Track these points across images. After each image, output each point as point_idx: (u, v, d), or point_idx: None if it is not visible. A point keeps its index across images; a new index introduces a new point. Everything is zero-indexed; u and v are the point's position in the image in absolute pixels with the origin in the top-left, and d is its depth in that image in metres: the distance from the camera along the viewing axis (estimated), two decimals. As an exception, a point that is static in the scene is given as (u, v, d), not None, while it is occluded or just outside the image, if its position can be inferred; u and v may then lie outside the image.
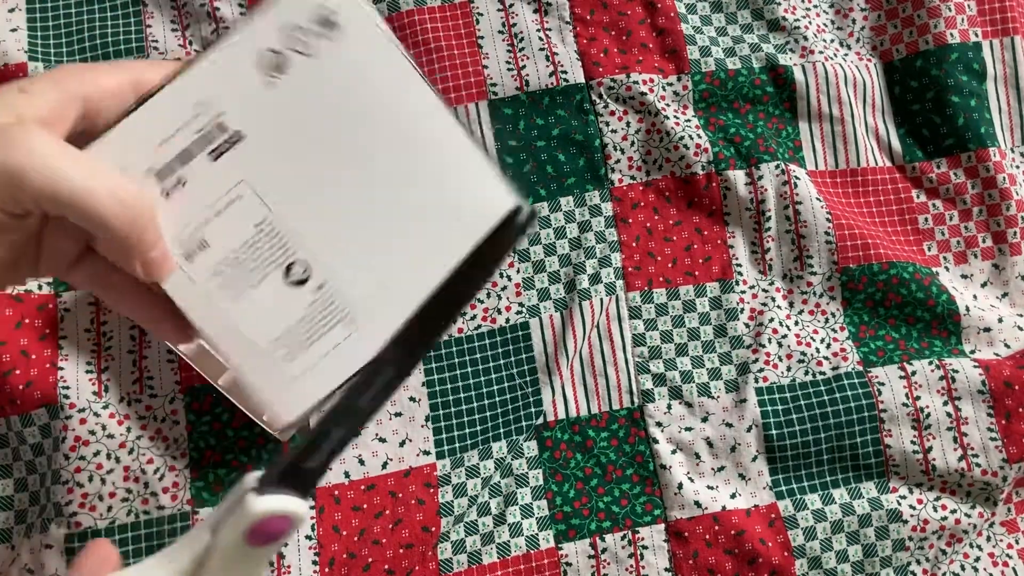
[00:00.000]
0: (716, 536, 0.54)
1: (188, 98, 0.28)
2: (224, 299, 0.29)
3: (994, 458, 0.56)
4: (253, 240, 0.29)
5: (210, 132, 0.28)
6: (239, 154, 0.28)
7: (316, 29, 0.28)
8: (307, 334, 0.30)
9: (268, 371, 0.30)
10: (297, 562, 0.52)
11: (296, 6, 0.28)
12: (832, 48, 0.66)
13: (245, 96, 0.28)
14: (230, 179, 0.28)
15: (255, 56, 0.28)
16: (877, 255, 0.60)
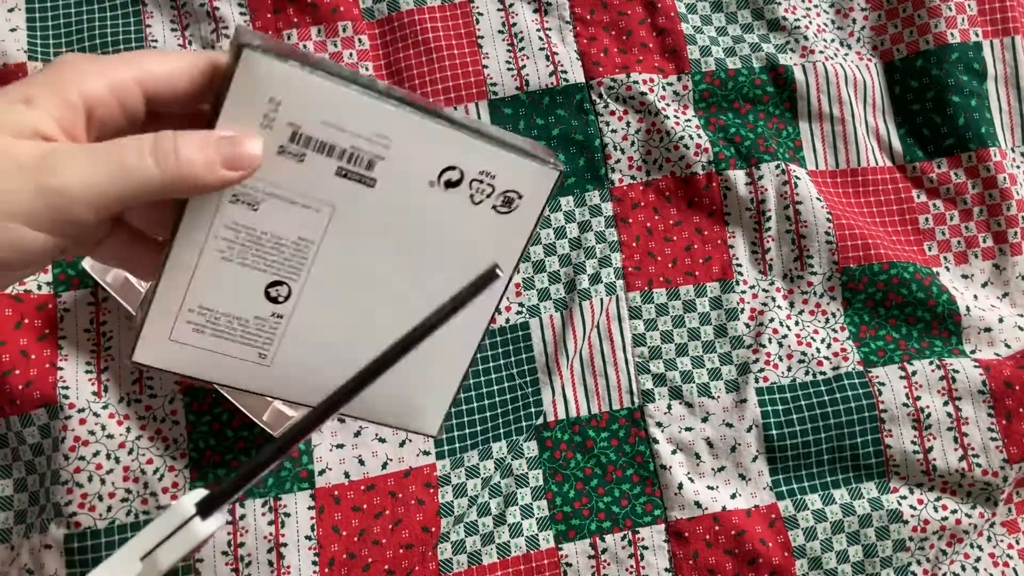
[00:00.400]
0: (716, 536, 0.54)
1: (372, 126, 0.28)
2: (216, 247, 0.29)
3: (994, 458, 0.56)
4: (286, 243, 0.29)
5: (359, 157, 0.28)
6: (352, 190, 0.29)
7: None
8: (227, 326, 0.30)
9: (168, 317, 0.29)
10: (297, 562, 0.52)
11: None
12: (832, 48, 0.65)
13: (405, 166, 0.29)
14: (328, 197, 0.29)
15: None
16: (878, 255, 0.60)
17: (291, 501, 0.53)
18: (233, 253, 0.29)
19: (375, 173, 0.29)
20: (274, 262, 0.29)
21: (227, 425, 0.54)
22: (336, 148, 0.28)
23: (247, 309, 0.30)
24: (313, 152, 0.28)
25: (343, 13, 0.62)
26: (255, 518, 0.53)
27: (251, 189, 0.28)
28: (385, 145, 0.28)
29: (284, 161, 0.27)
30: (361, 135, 0.28)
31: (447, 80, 0.61)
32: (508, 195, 0.30)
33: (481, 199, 0.30)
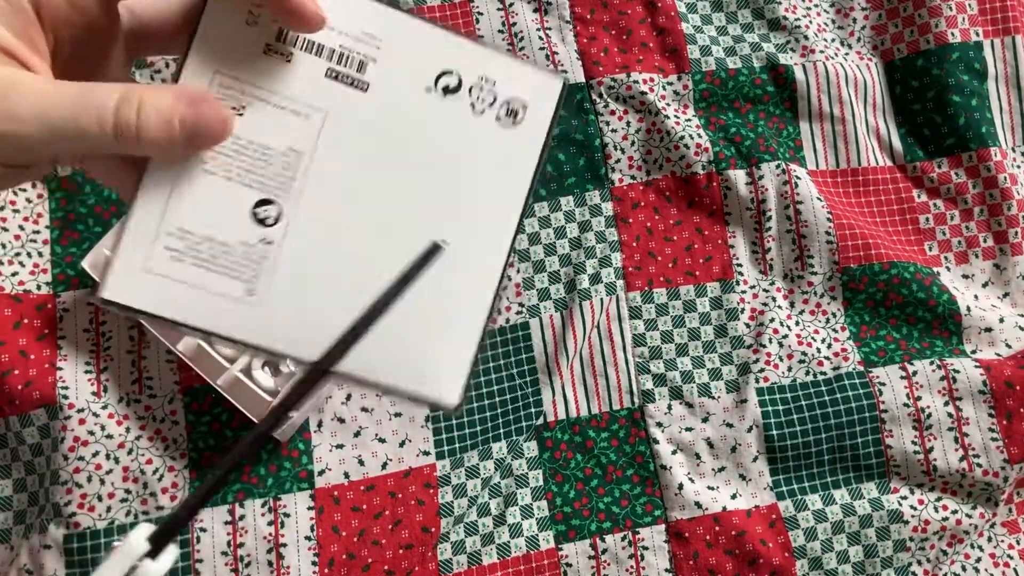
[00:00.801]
0: (717, 537, 0.54)
1: (359, 24, 0.26)
2: (198, 158, 0.26)
3: (995, 458, 0.55)
4: (273, 154, 0.27)
5: (349, 58, 0.27)
6: (344, 94, 0.27)
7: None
8: (210, 253, 0.27)
9: (143, 242, 0.26)
10: (297, 563, 0.52)
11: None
12: (833, 47, 0.65)
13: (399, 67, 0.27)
14: (319, 101, 0.27)
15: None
16: (878, 255, 0.59)
17: (291, 501, 0.53)
18: (217, 165, 0.26)
19: (367, 76, 0.27)
20: (262, 176, 0.27)
21: (227, 425, 0.54)
22: (325, 47, 0.26)
23: (232, 232, 0.27)
24: (301, 51, 0.26)
25: (343, 13, 0.62)
26: (255, 518, 0.52)
27: (236, 92, 0.26)
28: (376, 46, 0.27)
29: (271, 61, 0.26)
30: (350, 34, 0.26)
31: (447, 80, 0.61)
32: (512, 105, 0.28)
33: (483, 108, 0.28)
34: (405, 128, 0.28)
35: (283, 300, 0.27)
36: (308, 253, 0.28)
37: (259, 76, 0.26)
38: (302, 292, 0.28)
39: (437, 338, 0.29)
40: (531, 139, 0.29)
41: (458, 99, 0.28)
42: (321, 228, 0.28)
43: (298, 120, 0.27)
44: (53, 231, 0.57)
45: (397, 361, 0.29)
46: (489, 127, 0.28)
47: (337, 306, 0.28)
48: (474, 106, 0.28)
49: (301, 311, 0.28)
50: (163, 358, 0.55)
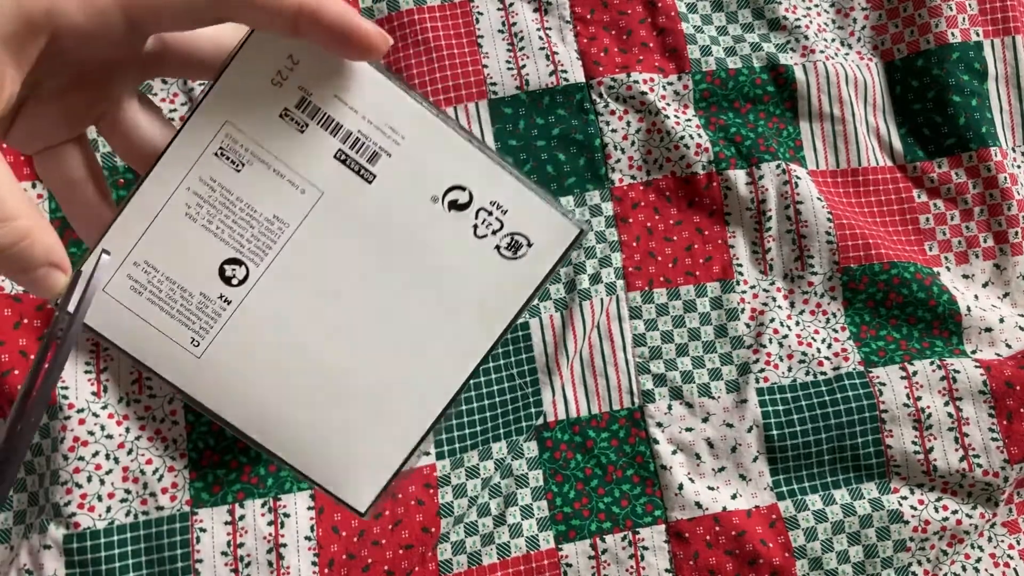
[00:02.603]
0: (717, 537, 0.54)
1: (387, 116, 0.26)
2: (184, 200, 0.26)
3: (995, 459, 0.55)
4: (258, 218, 0.26)
5: (364, 145, 0.26)
6: (347, 180, 0.26)
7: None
8: (168, 294, 0.27)
9: (111, 262, 0.26)
10: (296, 563, 0.52)
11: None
12: (833, 47, 0.65)
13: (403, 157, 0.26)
14: (319, 179, 0.26)
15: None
16: (878, 255, 0.59)
17: (291, 501, 0.53)
18: (200, 213, 0.26)
19: (376, 169, 0.26)
20: (240, 236, 0.26)
21: (227, 425, 0.54)
22: (342, 128, 0.26)
23: (195, 281, 0.27)
24: (316, 125, 0.26)
25: (343, 12, 0.62)
26: (255, 518, 0.52)
27: (240, 147, 0.26)
28: (395, 141, 0.26)
29: (284, 127, 0.25)
30: (373, 122, 0.26)
31: (447, 80, 0.61)
32: (517, 239, 0.27)
33: (485, 233, 0.27)
34: (398, 230, 0.27)
35: (221, 359, 0.27)
36: (259, 329, 0.27)
37: (268, 138, 0.26)
38: (241, 358, 0.27)
39: (368, 440, 0.29)
40: (526, 277, 0.28)
41: (462, 217, 0.27)
42: (281, 304, 0.27)
43: (293, 191, 0.26)
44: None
45: (318, 450, 0.29)
46: (486, 253, 0.27)
47: (272, 384, 0.28)
48: (476, 228, 0.27)
49: (234, 375, 0.28)
50: (163, 358, 0.55)
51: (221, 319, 0.27)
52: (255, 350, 0.28)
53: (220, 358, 0.28)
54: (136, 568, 0.51)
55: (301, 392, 0.28)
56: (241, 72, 0.25)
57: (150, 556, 0.51)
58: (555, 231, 0.27)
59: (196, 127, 0.26)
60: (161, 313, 0.27)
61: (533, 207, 0.27)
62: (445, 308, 0.28)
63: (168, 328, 0.27)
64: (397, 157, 0.26)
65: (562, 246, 0.27)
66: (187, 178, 0.26)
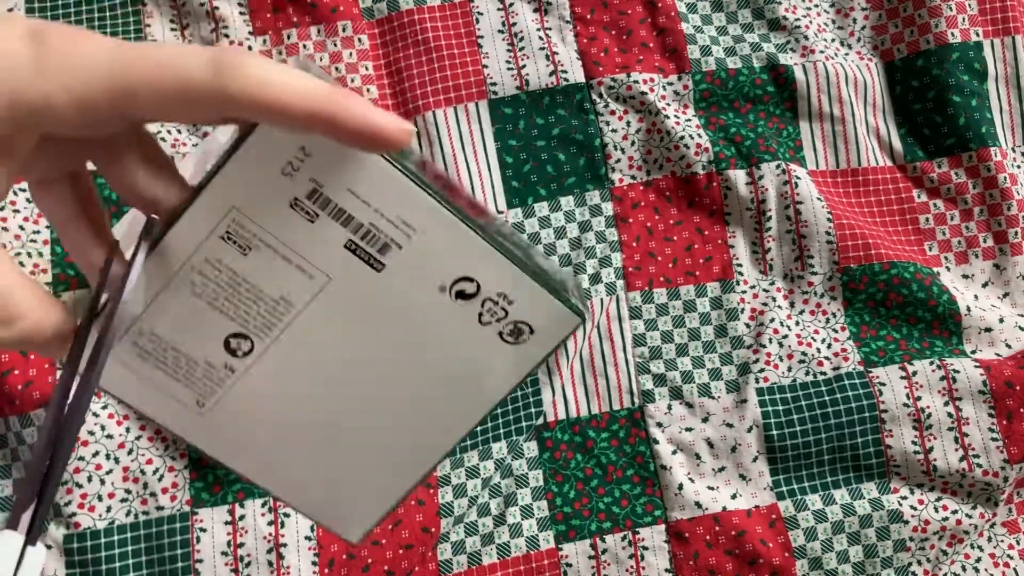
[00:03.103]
0: (717, 537, 0.54)
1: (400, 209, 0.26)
2: (190, 279, 0.26)
3: (995, 459, 0.55)
4: (265, 299, 0.27)
5: (375, 237, 0.26)
6: (355, 268, 0.26)
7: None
8: (174, 362, 0.28)
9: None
10: (297, 563, 0.52)
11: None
12: (833, 47, 0.65)
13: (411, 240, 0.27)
14: (328, 266, 0.26)
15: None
16: (878, 255, 0.59)
17: (291, 501, 0.53)
18: (206, 291, 0.27)
19: (386, 259, 0.26)
20: (246, 313, 0.27)
21: (227, 425, 0.54)
22: (353, 220, 0.26)
23: (201, 352, 0.28)
24: (327, 216, 0.26)
25: (342, 13, 0.62)
26: (255, 518, 0.52)
27: (248, 232, 0.26)
28: (407, 233, 0.26)
29: (293, 215, 0.25)
30: (385, 215, 0.26)
31: (447, 80, 0.61)
32: (520, 326, 0.28)
33: (489, 321, 0.28)
34: (403, 316, 0.27)
35: (225, 420, 0.29)
36: (263, 396, 0.28)
37: (276, 226, 0.26)
38: (243, 420, 0.29)
39: (360, 490, 0.30)
40: (525, 359, 0.29)
41: (468, 305, 0.28)
42: (284, 380, 0.28)
43: (300, 276, 0.27)
44: (53, 231, 0.57)
45: (317, 494, 0.30)
46: (489, 338, 0.28)
47: (274, 440, 0.29)
48: (481, 316, 0.28)
49: (237, 433, 0.29)
50: (163, 358, 0.55)
51: (225, 385, 0.28)
52: (257, 414, 0.29)
53: (224, 418, 0.29)
54: (136, 568, 0.51)
55: (302, 448, 0.29)
56: (249, 160, 0.25)
57: (150, 556, 0.51)
58: (557, 320, 0.28)
59: (202, 209, 0.25)
60: (167, 378, 0.28)
61: (539, 299, 0.28)
62: (443, 382, 0.29)
63: (174, 390, 0.28)
64: (408, 249, 0.26)
65: (562, 334, 0.29)
66: (193, 258, 0.26)
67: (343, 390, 0.29)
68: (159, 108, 0.21)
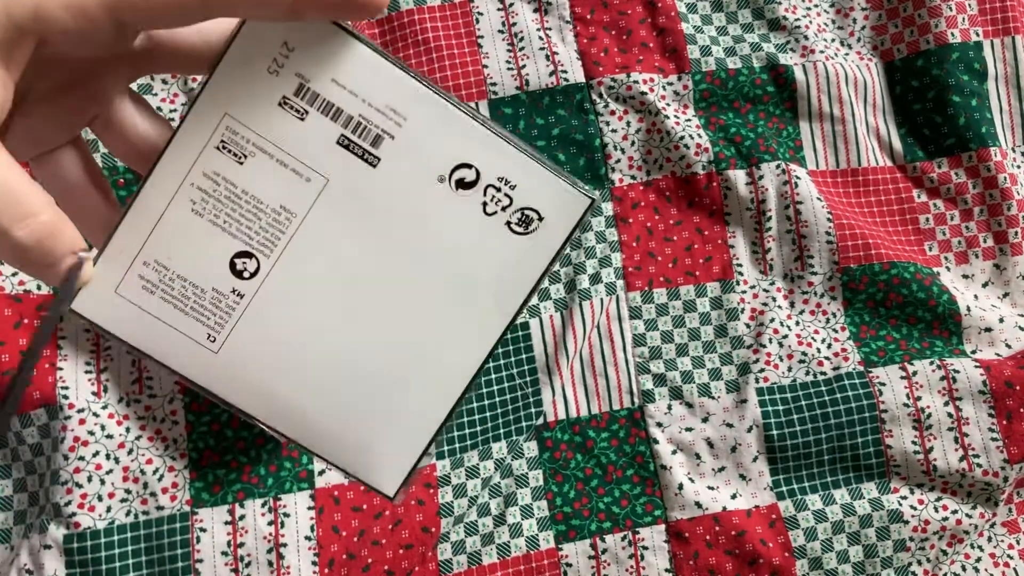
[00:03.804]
0: (717, 537, 0.54)
1: (387, 97, 0.25)
2: (189, 196, 0.26)
3: (995, 459, 0.55)
4: (265, 209, 0.26)
5: (366, 129, 0.25)
6: (351, 165, 0.26)
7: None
8: (181, 292, 0.27)
9: (119, 265, 0.26)
10: (296, 563, 0.52)
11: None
12: (833, 47, 0.65)
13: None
14: (323, 166, 0.26)
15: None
16: (878, 255, 0.59)
17: (291, 501, 0.53)
18: (206, 208, 0.26)
19: (380, 152, 0.26)
20: (248, 228, 0.26)
21: (227, 425, 0.54)
22: (343, 113, 0.25)
23: (207, 277, 0.27)
24: (317, 112, 0.25)
25: (343, 13, 0.62)
26: (255, 518, 0.52)
27: (242, 139, 0.25)
28: (397, 123, 0.26)
29: (283, 115, 0.25)
30: (374, 105, 0.25)
31: (447, 80, 0.61)
32: (527, 213, 0.27)
33: (495, 210, 0.27)
34: (406, 213, 0.27)
35: (239, 353, 0.28)
36: (274, 322, 0.27)
37: (268, 128, 0.25)
38: (259, 351, 0.28)
39: (390, 425, 0.29)
40: (539, 251, 0.27)
41: (470, 195, 0.27)
42: (294, 294, 0.27)
43: (298, 180, 0.26)
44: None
45: (343, 437, 0.29)
46: (497, 230, 0.27)
47: (291, 374, 0.28)
48: (486, 205, 0.27)
49: (253, 368, 0.28)
50: (163, 358, 0.55)
51: (235, 313, 0.27)
52: (272, 342, 0.28)
53: (237, 352, 0.28)
54: (136, 568, 0.51)
55: (321, 381, 0.28)
56: (236, 63, 0.25)
57: (150, 556, 0.51)
58: (565, 203, 0.27)
59: (195, 122, 0.25)
60: (175, 311, 0.27)
61: (542, 180, 0.27)
62: (459, 289, 0.28)
63: (183, 325, 0.27)
64: (400, 139, 0.26)
65: (574, 218, 0.27)
66: (190, 174, 0.26)
67: (356, 309, 0.27)
68: (149, 9, 0.22)
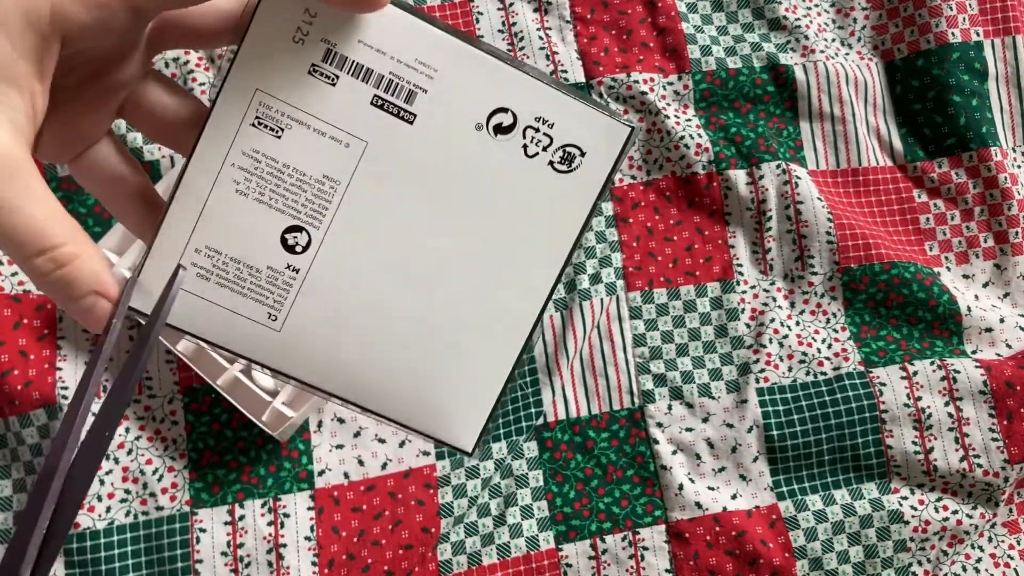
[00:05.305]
0: (717, 537, 0.54)
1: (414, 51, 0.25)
2: (232, 177, 0.26)
3: (995, 459, 0.55)
4: (309, 181, 0.26)
5: (398, 86, 0.25)
6: (388, 125, 0.26)
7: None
8: (236, 275, 0.27)
9: (171, 256, 0.26)
10: (296, 563, 0.52)
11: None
12: (833, 47, 0.65)
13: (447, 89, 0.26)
14: (360, 129, 0.26)
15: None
16: (878, 255, 0.59)
17: (291, 502, 0.53)
18: (250, 187, 0.26)
19: (415, 107, 0.26)
20: (294, 202, 0.26)
21: (226, 425, 0.54)
22: (373, 73, 0.25)
23: (260, 257, 0.26)
24: (347, 75, 0.25)
25: (343, 12, 0.62)
26: (255, 519, 0.52)
27: (276, 113, 0.25)
28: (428, 75, 0.25)
29: (315, 83, 0.25)
30: (402, 60, 0.25)
31: (447, 80, 0.61)
32: (568, 150, 0.27)
33: (536, 151, 0.27)
34: (449, 165, 0.26)
35: (302, 328, 0.27)
36: (333, 292, 0.27)
37: (301, 98, 0.25)
38: (321, 323, 0.27)
39: (460, 380, 0.29)
40: (585, 187, 0.27)
41: (510, 139, 0.26)
42: (349, 269, 0.27)
43: (337, 147, 0.26)
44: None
45: (414, 398, 0.29)
46: (540, 171, 0.27)
47: (355, 342, 0.28)
48: (527, 148, 0.27)
49: (318, 341, 0.28)
50: (163, 358, 0.55)
51: (293, 288, 0.27)
52: (332, 313, 0.27)
53: (300, 327, 0.27)
54: (136, 568, 0.51)
55: (385, 345, 0.28)
56: (260, 37, 0.25)
57: (150, 556, 0.51)
58: (606, 135, 0.27)
59: (227, 102, 0.25)
60: (233, 295, 0.27)
61: (579, 115, 0.27)
62: (511, 234, 0.27)
63: (243, 308, 0.27)
64: (433, 92, 0.26)
65: (616, 149, 0.27)
66: (229, 154, 0.25)
67: (411, 267, 0.27)
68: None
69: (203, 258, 0.26)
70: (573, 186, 0.27)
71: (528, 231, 0.27)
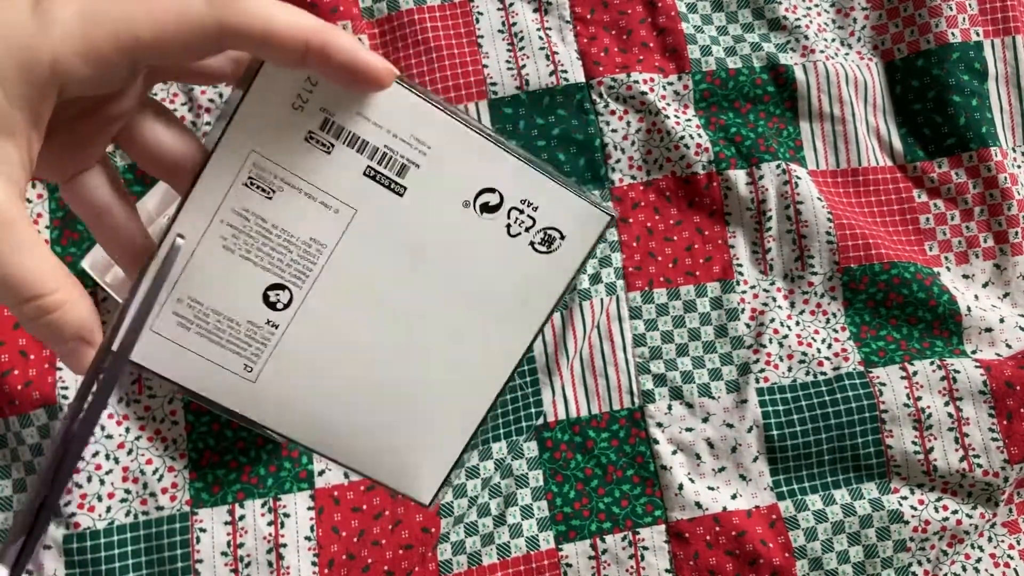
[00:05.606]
0: (717, 537, 0.54)
1: (411, 127, 0.26)
2: (219, 233, 0.26)
3: (995, 459, 0.55)
4: (296, 242, 0.26)
5: (391, 159, 0.26)
6: (379, 195, 0.26)
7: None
8: (216, 326, 0.27)
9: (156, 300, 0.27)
10: (296, 563, 0.52)
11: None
12: (833, 47, 0.65)
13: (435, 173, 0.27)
14: (351, 198, 0.26)
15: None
16: (878, 255, 0.59)
17: (291, 502, 0.53)
18: (237, 244, 0.26)
19: (406, 181, 0.26)
20: (279, 261, 0.27)
21: (227, 425, 0.54)
22: (368, 145, 0.26)
23: (241, 311, 0.27)
24: (343, 145, 0.26)
25: (343, 12, 0.62)
26: (255, 519, 0.52)
27: (269, 175, 0.26)
28: (422, 151, 0.26)
29: (310, 150, 0.25)
30: (398, 135, 0.26)
31: (447, 80, 0.61)
32: (550, 232, 0.28)
33: (519, 231, 0.28)
34: (434, 239, 0.27)
35: (276, 382, 0.28)
36: (309, 349, 0.28)
37: (295, 163, 0.26)
38: (295, 378, 0.28)
39: (423, 439, 0.30)
40: (562, 268, 0.28)
41: (495, 219, 0.27)
42: (327, 328, 0.28)
43: (327, 213, 0.26)
44: (53, 231, 0.57)
45: (379, 453, 0.30)
46: (521, 250, 0.28)
47: (327, 397, 0.28)
48: (510, 228, 0.28)
49: (291, 395, 0.28)
50: (163, 358, 0.55)
51: (271, 343, 0.28)
52: (307, 367, 0.28)
53: (274, 380, 0.28)
54: (136, 568, 0.51)
55: (356, 401, 0.29)
56: (260, 100, 0.25)
57: (150, 556, 0.51)
58: (586, 221, 0.28)
59: (222, 159, 0.26)
60: (211, 345, 0.27)
61: (563, 200, 0.28)
62: (486, 308, 0.28)
63: (220, 358, 0.28)
64: (425, 167, 0.26)
65: (594, 235, 0.28)
66: (219, 211, 0.26)
67: (388, 332, 0.28)
68: (162, 47, 0.22)
69: (185, 308, 0.27)
70: (551, 266, 0.28)
71: (503, 305, 0.28)
